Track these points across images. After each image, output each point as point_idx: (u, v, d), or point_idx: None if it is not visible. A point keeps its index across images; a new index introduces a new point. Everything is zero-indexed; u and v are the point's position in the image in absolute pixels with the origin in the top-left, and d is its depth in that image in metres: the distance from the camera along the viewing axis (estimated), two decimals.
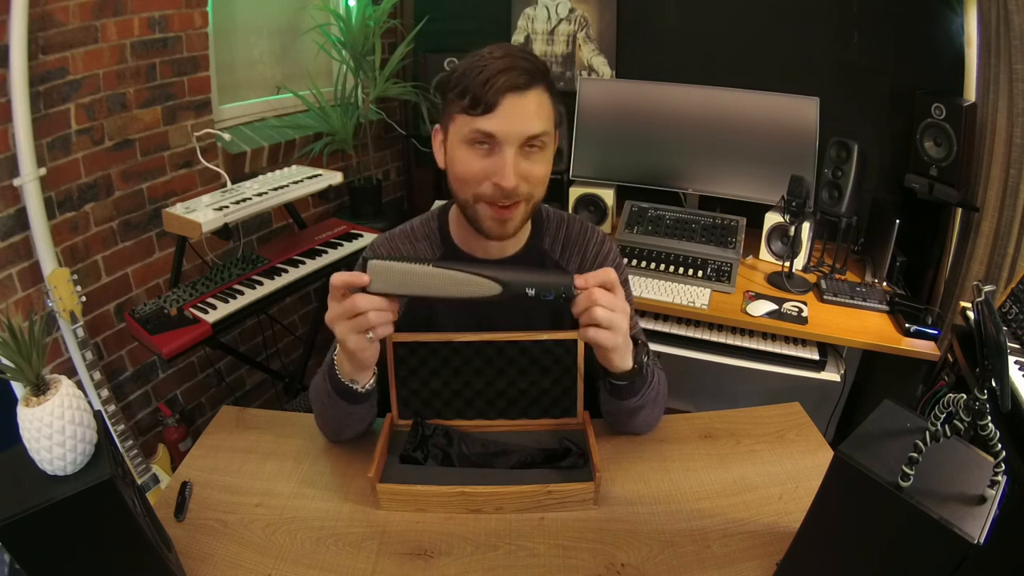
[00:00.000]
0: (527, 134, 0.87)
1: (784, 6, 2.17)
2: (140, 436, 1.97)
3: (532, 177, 0.90)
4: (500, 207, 0.90)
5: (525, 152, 0.88)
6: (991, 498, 0.62)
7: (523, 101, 0.86)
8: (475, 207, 0.92)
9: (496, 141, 0.87)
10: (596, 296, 0.80)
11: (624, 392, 0.95)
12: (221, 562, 0.85)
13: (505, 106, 0.85)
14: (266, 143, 2.26)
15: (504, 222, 0.92)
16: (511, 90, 0.85)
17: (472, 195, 0.91)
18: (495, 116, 0.85)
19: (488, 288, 0.79)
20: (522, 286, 0.80)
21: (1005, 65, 1.67)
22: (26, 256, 1.59)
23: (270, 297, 1.78)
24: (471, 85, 0.85)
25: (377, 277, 0.79)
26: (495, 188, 0.88)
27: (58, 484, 0.67)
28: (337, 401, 0.94)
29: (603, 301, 0.80)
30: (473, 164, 0.89)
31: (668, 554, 0.85)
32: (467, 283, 0.79)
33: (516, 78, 0.85)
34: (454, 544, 0.87)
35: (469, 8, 2.60)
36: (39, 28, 1.52)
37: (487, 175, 0.88)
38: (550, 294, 0.80)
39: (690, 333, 1.91)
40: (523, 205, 0.92)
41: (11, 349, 0.66)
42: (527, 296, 0.80)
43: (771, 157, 2.11)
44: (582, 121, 2.32)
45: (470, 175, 0.90)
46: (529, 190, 0.91)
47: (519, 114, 0.86)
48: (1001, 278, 1.74)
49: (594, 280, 0.81)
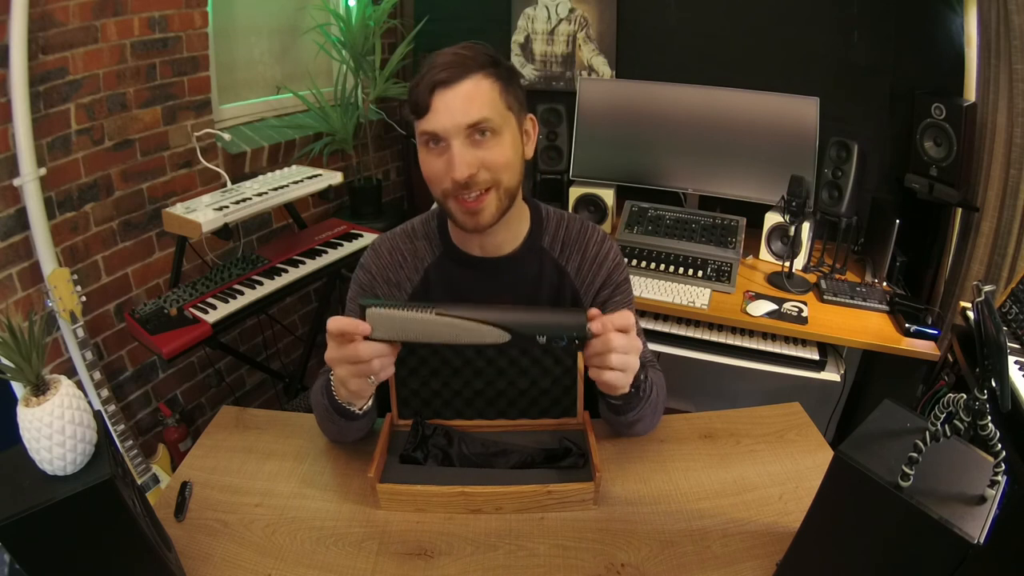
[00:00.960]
0: (464, 123, 0.87)
1: (784, 6, 2.17)
2: (140, 436, 1.97)
3: (489, 163, 0.90)
4: (467, 201, 0.91)
5: (475, 141, 0.89)
6: (991, 498, 0.62)
7: (453, 93, 0.87)
8: (447, 204, 0.94)
9: (440, 138, 0.88)
10: (614, 343, 0.78)
11: (620, 409, 0.96)
12: (221, 562, 0.85)
13: (436, 103, 0.87)
14: (266, 143, 2.26)
15: (475, 214, 0.92)
16: (438, 86, 0.87)
17: (440, 193, 0.93)
18: (431, 115, 0.87)
19: (496, 336, 0.76)
20: (532, 332, 0.76)
21: (1005, 65, 1.66)
22: (26, 256, 1.59)
23: (270, 297, 1.78)
24: (410, 91, 0.90)
25: (377, 325, 0.76)
26: (452, 183, 0.89)
27: (58, 484, 0.67)
28: (336, 417, 0.95)
29: (620, 347, 0.78)
30: (431, 164, 0.91)
31: (668, 554, 0.85)
32: (473, 331, 0.76)
33: (439, 74, 0.87)
34: (454, 544, 0.87)
35: (469, 8, 2.60)
36: (39, 28, 1.52)
37: (445, 171, 0.89)
38: (563, 339, 0.76)
39: (690, 333, 1.91)
40: (492, 193, 0.92)
41: (11, 349, 0.66)
42: (538, 343, 0.76)
43: (771, 157, 2.11)
44: (582, 121, 2.32)
45: (431, 175, 0.92)
46: (491, 177, 0.91)
47: (450, 106, 0.87)
48: (1001, 278, 1.74)
49: (612, 325, 0.78)
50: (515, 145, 0.93)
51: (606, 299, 1.07)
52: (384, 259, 1.05)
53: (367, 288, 1.05)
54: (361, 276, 1.06)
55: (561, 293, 1.07)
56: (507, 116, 0.91)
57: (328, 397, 0.93)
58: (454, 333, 0.76)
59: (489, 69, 0.90)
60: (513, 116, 0.93)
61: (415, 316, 0.76)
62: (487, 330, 0.75)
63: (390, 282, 1.05)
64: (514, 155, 0.93)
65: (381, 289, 1.04)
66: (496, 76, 0.90)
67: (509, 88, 0.92)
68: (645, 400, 0.96)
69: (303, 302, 2.57)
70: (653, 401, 0.99)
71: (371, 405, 0.95)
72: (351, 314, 1.06)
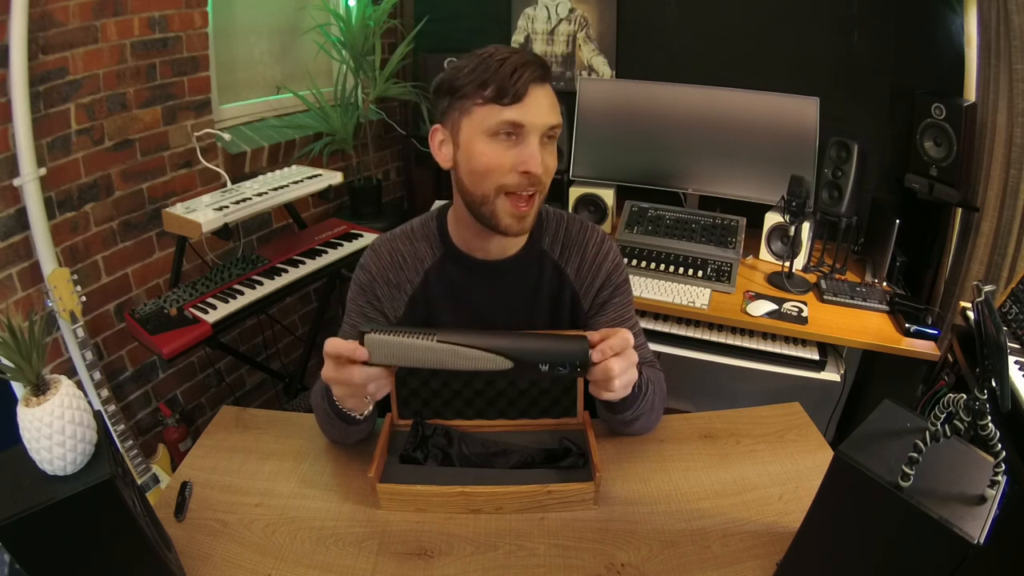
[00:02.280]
0: (550, 124, 0.90)
1: (784, 6, 2.17)
2: (140, 436, 1.97)
3: (549, 167, 0.92)
4: (521, 197, 0.91)
5: (543, 143, 0.90)
6: (991, 498, 0.62)
7: (545, 92, 0.90)
8: (494, 203, 0.91)
9: (523, 131, 0.88)
10: (614, 370, 0.78)
11: (617, 407, 0.96)
12: (221, 562, 0.85)
13: (532, 96, 0.88)
14: (266, 143, 2.26)
15: (523, 217, 0.92)
16: (536, 81, 0.88)
17: (495, 187, 0.90)
18: (524, 105, 0.87)
19: (498, 363, 0.75)
20: (535, 360, 0.75)
21: (1005, 65, 1.66)
22: (26, 256, 1.59)
23: (270, 297, 1.78)
24: (494, 77, 0.86)
25: (376, 351, 0.75)
26: (522, 176, 0.89)
27: (58, 484, 0.67)
28: (336, 421, 0.96)
29: (620, 371, 0.79)
30: (498, 154, 0.89)
31: (668, 554, 0.85)
32: (475, 358, 0.75)
33: (537, 70, 0.88)
34: (454, 544, 0.87)
35: (469, 8, 2.60)
36: (39, 28, 1.52)
37: (513, 165, 0.89)
38: (565, 367, 0.76)
39: (690, 333, 1.91)
40: (538, 197, 0.94)
41: (11, 349, 0.66)
42: (540, 371, 0.75)
43: (771, 157, 2.11)
44: (582, 121, 2.32)
45: (494, 165, 0.89)
46: (545, 180, 0.93)
47: (543, 103, 0.89)
48: (1001, 278, 1.74)
49: (611, 351, 0.79)
50: None
51: (605, 300, 1.07)
52: (384, 260, 1.05)
53: (367, 289, 1.05)
54: (361, 277, 1.06)
55: (560, 294, 1.07)
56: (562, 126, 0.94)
57: (328, 402, 0.94)
58: (455, 360, 0.75)
59: (552, 80, 0.93)
60: None
61: (415, 343, 0.75)
62: (489, 357, 0.75)
63: (390, 283, 1.04)
64: None
65: (381, 290, 1.04)
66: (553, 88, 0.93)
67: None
68: (642, 399, 0.96)
69: (303, 302, 2.57)
70: (650, 400, 0.99)
71: (372, 411, 0.96)
72: (350, 317, 1.06)
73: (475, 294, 1.04)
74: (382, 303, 1.04)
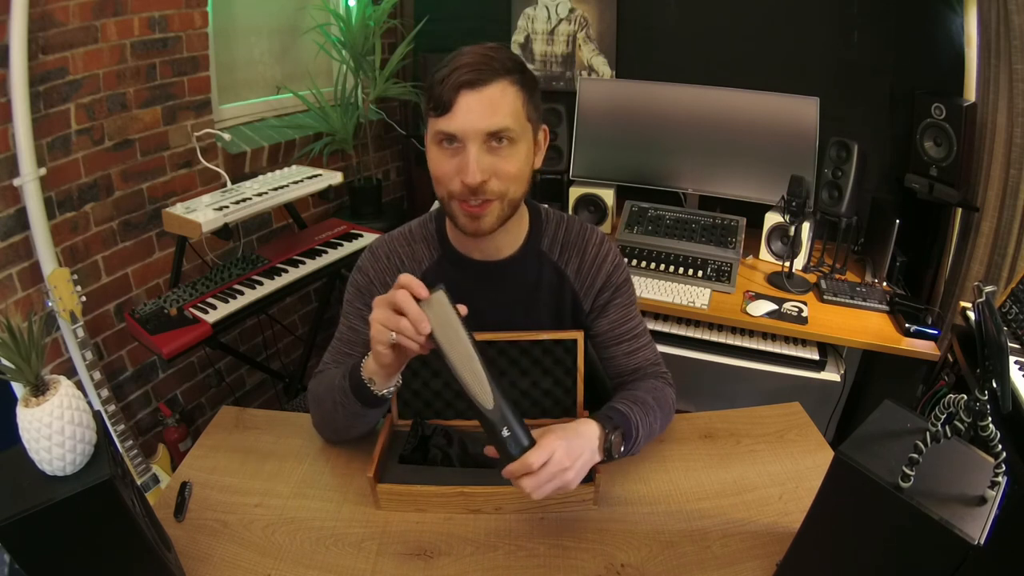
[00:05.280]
0: (486, 129, 0.86)
1: (784, 6, 2.17)
2: (140, 436, 1.97)
3: (502, 173, 0.88)
4: (471, 205, 0.89)
5: (491, 148, 0.87)
6: (991, 499, 0.62)
7: (478, 96, 0.85)
8: (450, 205, 0.92)
9: (458, 139, 0.87)
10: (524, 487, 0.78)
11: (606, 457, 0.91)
12: (221, 562, 0.85)
13: (460, 104, 0.85)
14: (266, 143, 2.26)
15: (477, 219, 0.91)
16: (464, 87, 0.84)
17: (446, 193, 0.91)
18: (452, 115, 0.85)
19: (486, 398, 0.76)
20: (502, 425, 0.77)
21: (1005, 65, 1.66)
22: (26, 256, 1.59)
23: (270, 297, 1.78)
24: (432, 86, 0.86)
25: (433, 308, 0.77)
26: (462, 186, 0.88)
27: (58, 484, 0.67)
28: (352, 402, 0.93)
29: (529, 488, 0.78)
30: (442, 163, 0.89)
31: (668, 554, 0.85)
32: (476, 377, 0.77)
33: (468, 75, 0.84)
34: (454, 544, 0.87)
35: (469, 8, 2.60)
36: (39, 28, 1.52)
37: (455, 173, 0.88)
38: (514, 450, 0.78)
39: (690, 333, 1.91)
40: (496, 203, 0.90)
41: (11, 349, 0.66)
42: (495, 432, 0.77)
43: (771, 157, 2.11)
44: (582, 121, 2.32)
45: (440, 174, 0.90)
46: (501, 187, 0.89)
47: (475, 110, 0.85)
48: (1001, 278, 1.74)
49: (517, 472, 0.78)
50: (528, 156, 0.92)
51: (606, 302, 1.07)
52: (381, 262, 1.05)
53: (364, 291, 1.05)
54: (358, 279, 1.05)
55: (561, 296, 1.06)
56: (525, 127, 0.90)
57: (351, 379, 0.91)
58: (464, 365, 0.77)
59: (515, 75, 0.88)
60: (531, 127, 0.92)
61: (461, 330, 0.77)
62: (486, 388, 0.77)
63: (387, 285, 1.03)
64: (525, 166, 0.92)
65: (378, 292, 1.04)
66: (521, 84, 0.89)
67: (531, 98, 0.91)
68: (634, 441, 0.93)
69: (303, 302, 2.57)
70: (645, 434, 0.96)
71: (390, 393, 0.92)
72: (347, 319, 1.06)
73: (474, 295, 1.03)
74: None
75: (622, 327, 1.07)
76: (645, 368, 1.08)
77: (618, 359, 1.08)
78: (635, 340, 1.08)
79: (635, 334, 1.09)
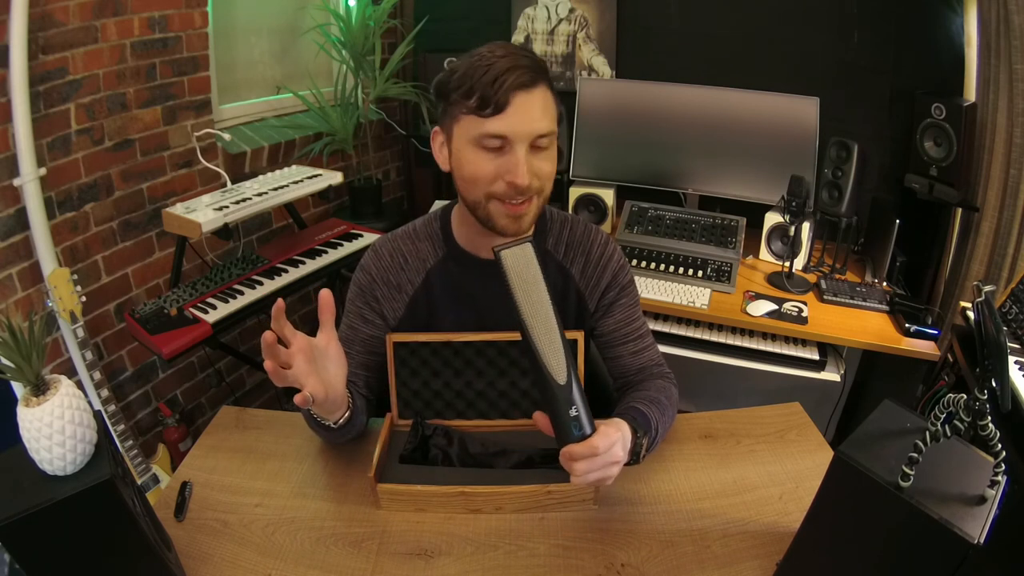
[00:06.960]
0: (537, 132, 0.87)
1: (784, 6, 2.17)
2: (140, 436, 1.97)
3: (542, 173, 0.90)
4: (514, 204, 0.90)
5: (534, 150, 0.89)
6: (991, 498, 0.62)
7: (531, 99, 0.86)
8: (487, 206, 0.91)
9: (507, 141, 0.86)
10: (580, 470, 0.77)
11: None
12: (221, 562, 0.85)
13: (515, 105, 0.85)
14: (266, 143, 2.26)
15: (519, 218, 0.91)
16: (519, 88, 0.85)
17: (484, 194, 0.90)
18: (506, 116, 0.85)
19: (560, 371, 0.73)
20: (570, 403, 0.74)
21: (1005, 65, 1.66)
22: (26, 256, 1.59)
23: (270, 297, 1.78)
24: (477, 85, 0.84)
25: (520, 257, 0.76)
26: (509, 187, 0.88)
27: (58, 484, 0.67)
28: (318, 428, 0.96)
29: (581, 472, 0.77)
30: (483, 164, 0.88)
31: (668, 554, 0.85)
32: (553, 347, 0.73)
33: (523, 76, 0.84)
34: (454, 544, 0.87)
35: (469, 8, 2.60)
36: (39, 28, 1.52)
37: (499, 174, 0.88)
38: (577, 431, 0.75)
39: (690, 333, 1.91)
40: (535, 200, 0.92)
41: (11, 349, 0.66)
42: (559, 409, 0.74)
43: (771, 157, 2.11)
44: (582, 121, 2.32)
45: (481, 175, 0.89)
46: (540, 185, 0.91)
47: (528, 112, 0.86)
48: (1001, 278, 1.74)
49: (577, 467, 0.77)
50: (557, 157, 0.94)
51: (611, 301, 1.07)
52: (384, 261, 1.05)
53: (366, 290, 1.05)
54: (361, 278, 1.05)
55: (566, 296, 1.07)
56: (556, 130, 0.92)
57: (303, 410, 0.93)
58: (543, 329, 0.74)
59: (549, 79, 0.90)
60: (557, 129, 0.93)
61: (544, 292, 0.75)
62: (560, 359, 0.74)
63: (390, 284, 1.04)
64: (556, 165, 0.94)
65: (380, 291, 1.04)
66: (551, 88, 0.91)
67: (557, 101, 0.92)
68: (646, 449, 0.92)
69: (303, 302, 2.57)
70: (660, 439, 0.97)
71: (346, 418, 0.92)
72: (348, 318, 1.06)
73: (478, 294, 1.04)
74: (381, 305, 1.04)
75: (628, 327, 1.08)
76: (650, 368, 1.09)
77: (624, 359, 1.09)
78: (640, 340, 1.09)
79: (640, 334, 1.09)
